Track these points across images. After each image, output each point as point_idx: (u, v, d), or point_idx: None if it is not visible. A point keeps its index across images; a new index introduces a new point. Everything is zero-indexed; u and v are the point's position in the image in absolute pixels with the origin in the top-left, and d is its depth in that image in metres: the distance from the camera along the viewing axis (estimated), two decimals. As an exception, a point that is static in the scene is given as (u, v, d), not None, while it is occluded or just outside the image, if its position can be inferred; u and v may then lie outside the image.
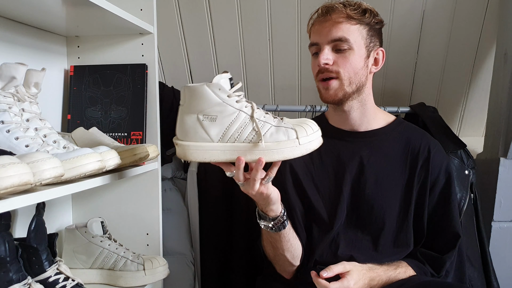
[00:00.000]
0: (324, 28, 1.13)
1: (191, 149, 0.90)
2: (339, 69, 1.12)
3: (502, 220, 1.69)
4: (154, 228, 1.32)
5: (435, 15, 1.78)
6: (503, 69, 1.68)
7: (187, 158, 0.91)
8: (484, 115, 1.89)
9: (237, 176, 0.94)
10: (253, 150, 0.90)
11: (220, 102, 0.89)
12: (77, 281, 0.98)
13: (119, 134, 1.30)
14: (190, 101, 0.90)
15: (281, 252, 1.13)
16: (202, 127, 0.90)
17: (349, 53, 1.12)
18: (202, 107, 0.89)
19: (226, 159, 0.91)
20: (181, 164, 1.73)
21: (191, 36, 1.91)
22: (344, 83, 1.13)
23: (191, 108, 0.90)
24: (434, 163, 1.18)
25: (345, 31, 1.11)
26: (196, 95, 0.89)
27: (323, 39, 1.13)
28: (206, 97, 0.89)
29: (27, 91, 0.94)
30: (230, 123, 0.90)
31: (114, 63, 1.31)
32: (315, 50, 1.16)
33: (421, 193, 1.17)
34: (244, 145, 0.91)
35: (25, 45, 1.18)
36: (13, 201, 0.70)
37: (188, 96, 0.91)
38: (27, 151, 0.85)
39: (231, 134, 0.90)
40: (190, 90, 0.90)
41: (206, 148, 0.90)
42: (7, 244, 0.85)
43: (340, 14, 1.11)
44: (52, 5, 1.01)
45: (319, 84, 1.16)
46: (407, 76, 1.96)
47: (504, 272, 1.66)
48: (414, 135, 1.22)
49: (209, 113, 0.90)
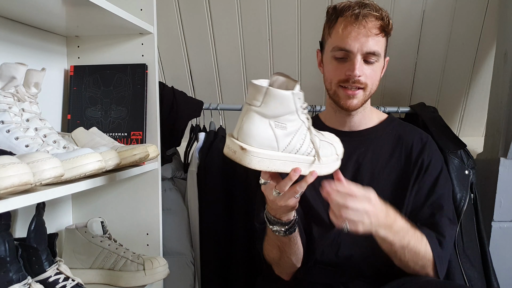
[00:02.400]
0: (360, 35, 1.09)
1: (260, 157, 0.84)
2: (367, 81, 1.12)
3: (502, 220, 1.68)
4: (154, 228, 1.32)
5: (435, 15, 1.78)
6: (503, 69, 1.68)
7: (250, 165, 0.84)
8: (484, 115, 1.88)
9: (283, 187, 0.89)
10: (311, 164, 0.89)
11: (294, 111, 0.85)
12: (77, 281, 0.98)
13: (119, 134, 1.30)
14: (268, 104, 0.83)
15: (288, 255, 1.12)
16: (274, 135, 0.85)
17: (376, 65, 1.13)
18: (279, 113, 0.84)
19: (284, 170, 0.88)
20: (181, 164, 1.73)
21: (191, 36, 1.91)
22: (367, 94, 1.14)
23: (267, 112, 0.84)
24: (429, 153, 1.19)
25: (378, 44, 1.11)
26: (278, 99, 0.83)
27: (358, 48, 1.09)
28: (287, 104, 0.84)
29: (27, 91, 0.94)
30: (294, 134, 0.87)
31: (114, 63, 1.31)
32: (342, 55, 1.12)
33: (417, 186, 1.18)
34: (304, 157, 0.89)
35: (25, 45, 1.18)
36: (13, 201, 0.70)
37: (267, 99, 0.83)
38: (27, 151, 0.86)
39: (294, 145, 0.87)
40: (273, 93, 0.83)
41: (272, 157, 0.85)
42: (7, 244, 0.85)
43: (376, 24, 1.10)
44: (52, 5, 1.01)
45: (339, 90, 1.14)
46: (407, 76, 1.96)
47: (504, 272, 1.66)
48: (406, 131, 1.24)
49: (281, 121, 0.85)
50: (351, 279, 1.14)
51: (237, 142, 0.84)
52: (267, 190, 0.93)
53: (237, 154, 0.84)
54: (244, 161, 0.84)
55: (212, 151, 1.63)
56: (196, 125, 1.74)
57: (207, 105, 1.71)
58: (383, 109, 1.72)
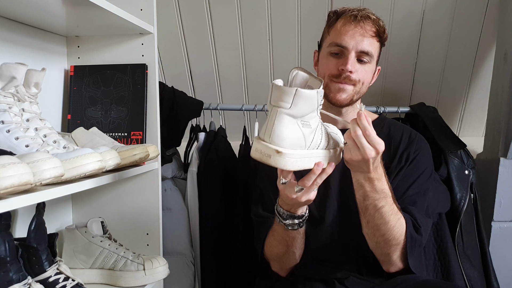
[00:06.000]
0: (357, 33, 1.15)
1: (294, 158, 0.86)
2: (358, 78, 1.17)
3: (502, 220, 1.69)
4: (154, 228, 1.32)
5: (435, 15, 1.78)
6: (503, 69, 1.68)
7: (286, 167, 0.86)
8: (484, 115, 1.88)
9: (307, 182, 0.94)
10: (330, 156, 0.95)
11: (315, 109, 0.88)
12: (77, 281, 0.98)
13: (119, 134, 1.30)
14: (297, 105, 0.84)
15: (293, 250, 1.15)
16: (303, 134, 0.87)
17: (368, 66, 1.18)
18: (306, 112, 0.86)
19: (310, 166, 0.91)
20: (181, 164, 1.73)
21: (191, 36, 1.92)
22: (355, 92, 1.19)
23: (296, 113, 0.85)
24: (416, 149, 1.22)
25: (372, 45, 1.17)
26: (307, 100, 0.85)
27: (353, 46, 1.15)
28: (312, 104, 0.86)
29: (27, 91, 0.94)
30: (315, 130, 0.90)
31: (114, 63, 1.31)
32: (337, 51, 1.17)
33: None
34: (325, 151, 0.94)
35: (25, 45, 1.18)
36: (13, 201, 0.70)
37: (297, 100, 0.83)
38: (27, 151, 0.86)
39: (316, 141, 0.90)
40: (303, 95, 0.83)
41: (303, 156, 0.88)
42: (7, 244, 0.85)
43: (372, 27, 1.16)
44: (52, 5, 1.01)
45: (331, 83, 1.18)
46: (407, 76, 1.96)
47: (504, 272, 1.66)
48: (396, 128, 1.28)
49: (306, 120, 0.87)
50: (346, 276, 1.16)
51: (271, 146, 0.85)
52: (287, 188, 0.97)
53: (273, 158, 0.85)
54: (280, 164, 0.85)
55: (212, 151, 1.63)
56: (196, 125, 1.74)
57: (207, 105, 1.71)
58: (383, 109, 1.72)
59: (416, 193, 1.18)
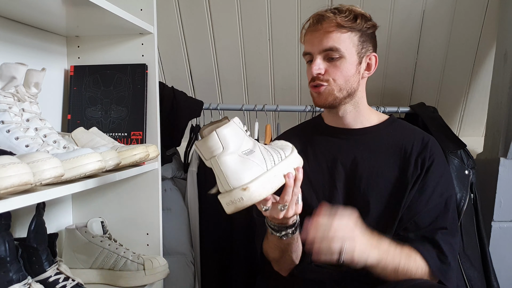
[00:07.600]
0: (315, 37, 1.16)
1: (262, 185, 0.86)
2: (330, 77, 1.16)
3: (502, 220, 1.69)
4: (154, 228, 1.32)
5: (435, 15, 1.78)
6: (503, 69, 1.68)
7: (261, 197, 0.86)
8: (484, 115, 1.89)
9: (287, 197, 0.94)
10: (291, 162, 0.95)
11: (244, 135, 0.89)
12: (77, 281, 0.98)
13: (119, 134, 1.30)
14: (227, 142, 0.85)
15: (290, 254, 1.14)
16: (253, 161, 0.87)
17: (341, 61, 1.15)
18: (239, 142, 0.87)
19: (280, 182, 0.91)
20: (181, 164, 1.73)
21: (191, 36, 1.92)
22: (334, 90, 1.16)
23: (232, 148, 0.86)
24: (431, 154, 1.19)
25: (335, 40, 1.14)
26: (230, 133, 0.86)
27: (315, 49, 1.16)
28: (238, 132, 0.87)
29: (27, 91, 0.94)
30: (261, 151, 0.90)
31: (114, 63, 1.31)
32: (309, 58, 1.19)
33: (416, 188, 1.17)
34: (284, 162, 0.93)
35: (25, 45, 1.18)
36: (13, 201, 0.70)
37: (222, 139, 0.85)
38: (27, 151, 0.85)
39: (269, 159, 0.90)
40: (223, 131, 0.85)
41: (268, 177, 0.87)
42: (7, 244, 0.85)
43: (330, 23, 1.14)
44: (52, 5, 1.01)
45: (311, 89, 1.20)
46: (407, 76, 1.96)
47: (504, 272, 1.66)
48: (408, 131, 1.25)
49: (244, 148, 0.87)
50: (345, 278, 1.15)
51: (236, 189, 0.84)
52: (272, 212, 0.97)
53: (245, 198, 0.84)
54: (255, 197, 0.84)
55: (212, 151, 1.63)
56: (196, 125, 1.74)
57: (207, 105, 1.71)
58: (383, 109, 1.72)
59: (435, 205, 1.15)
